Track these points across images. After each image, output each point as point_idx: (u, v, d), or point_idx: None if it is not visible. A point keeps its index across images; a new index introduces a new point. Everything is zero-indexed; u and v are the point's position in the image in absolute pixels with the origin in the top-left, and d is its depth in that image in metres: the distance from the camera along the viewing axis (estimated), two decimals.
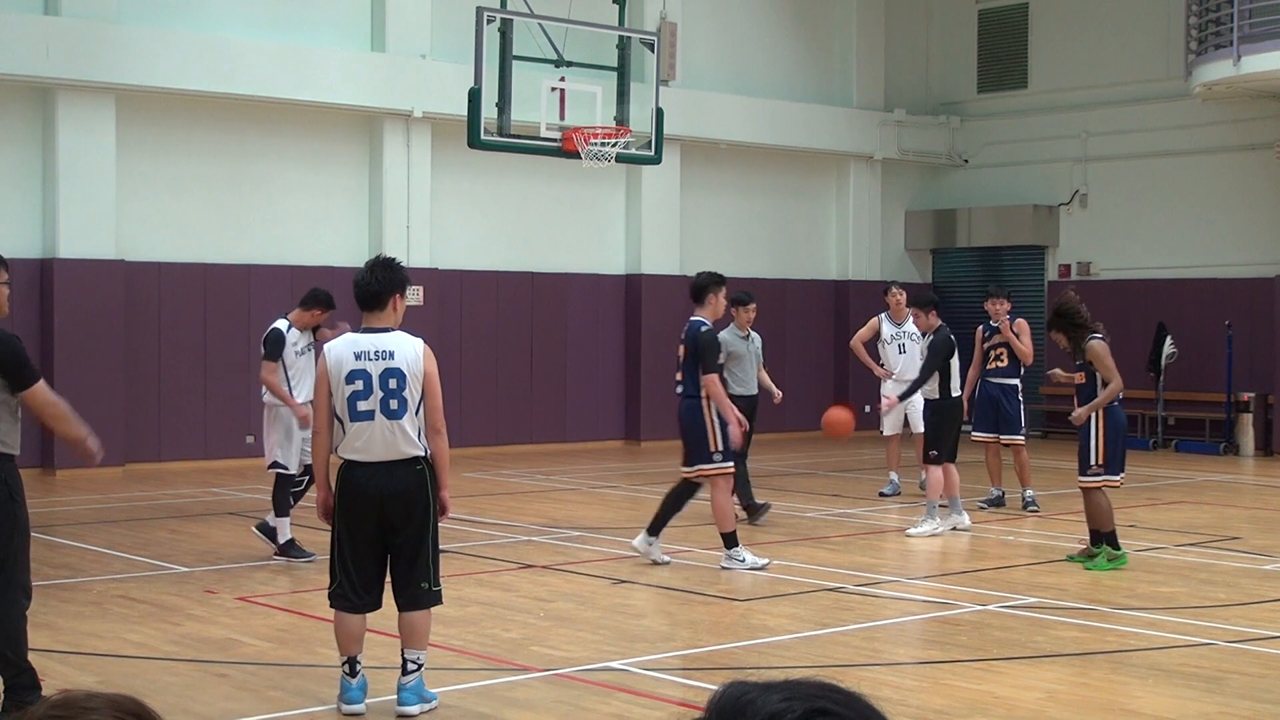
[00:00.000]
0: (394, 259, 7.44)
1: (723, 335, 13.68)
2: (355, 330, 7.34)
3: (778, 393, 14.32)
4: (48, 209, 17.51)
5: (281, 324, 11.58)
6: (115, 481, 16.86)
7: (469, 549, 11.75)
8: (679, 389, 11.31)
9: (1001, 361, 14.66)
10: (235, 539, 12.63)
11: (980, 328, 14.98)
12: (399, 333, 7.24)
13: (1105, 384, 11.10)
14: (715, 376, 11.13)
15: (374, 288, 7.21)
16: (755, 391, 13.93)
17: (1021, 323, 14.79)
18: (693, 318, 11.27)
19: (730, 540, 11.11)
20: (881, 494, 15.77)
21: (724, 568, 11.09)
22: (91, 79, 17.28)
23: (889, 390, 15.09)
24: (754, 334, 14.00)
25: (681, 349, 11.33)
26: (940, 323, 13.44)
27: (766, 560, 11.19)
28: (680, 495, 11.38)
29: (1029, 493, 14.58)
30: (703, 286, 11.32)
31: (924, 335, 13.91)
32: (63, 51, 17.07)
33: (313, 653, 8.28)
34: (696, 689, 7.51)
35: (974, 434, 14.75)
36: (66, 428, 7.36)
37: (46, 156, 17.51)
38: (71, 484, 16.41)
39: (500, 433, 20.84)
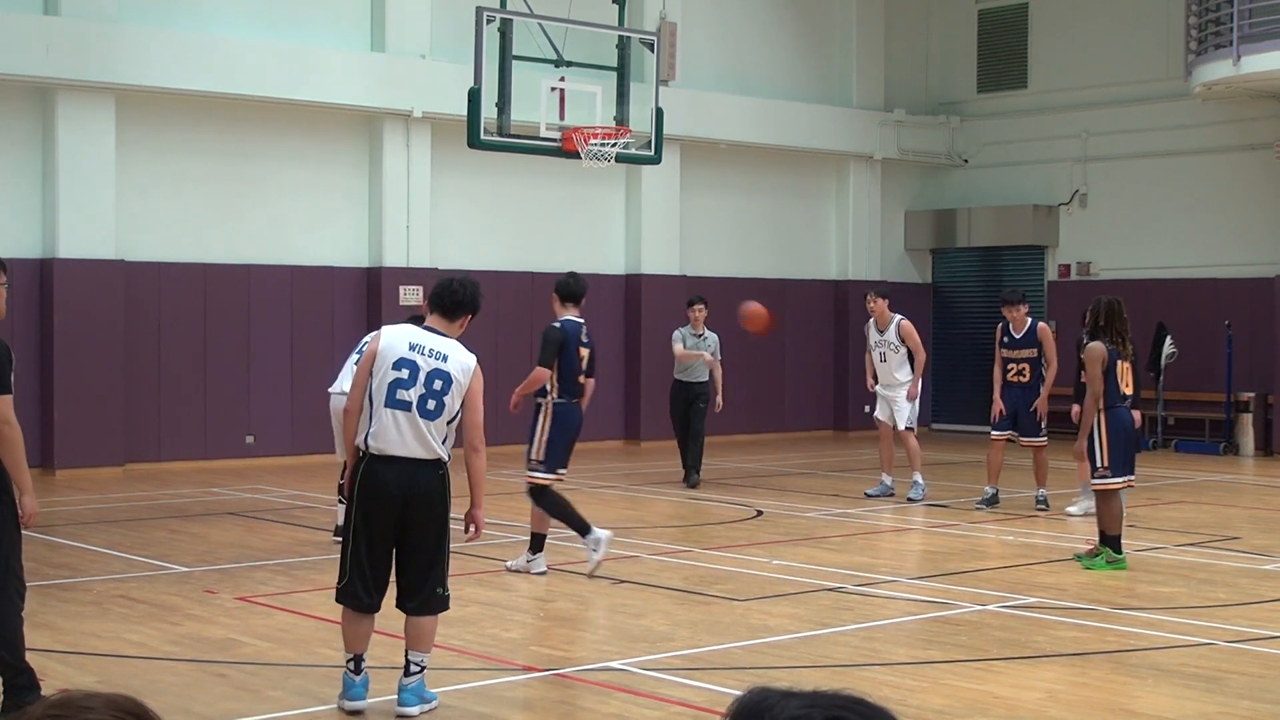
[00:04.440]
0: (479, 285, 7.48)
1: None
2: (418, 325, 7.37)
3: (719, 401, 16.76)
4: (48, 209, 17.50)
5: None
6: (115, 481, 16.86)
7: (469, 549, 11.74)
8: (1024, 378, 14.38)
9: (1024, 377, 14.57)
10: (235, 539, 12.63)
11: (1000, 329, 14.86)
12: (457, 343, 7.28)
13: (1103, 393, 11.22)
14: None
15: (457, 297, 7.31)
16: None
17: (1044, 328, 14.74)
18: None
19: None
20: (868, 495, 15.74)
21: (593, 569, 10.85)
22: (91, 79, 17.28)
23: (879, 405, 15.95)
24: (709, 334, 16.70)
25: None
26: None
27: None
28: None
29: (1041, 491, 14.62)
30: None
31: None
32: (62, 51, 17.07)
33: (313, 653, 8.28)
34: (696, 689, 7.51)
35: (993, 433, 14.79)
36: (12, 461, 6.79)
37: (46, 156, 17.50)
38: (71, 484, 16.41)
39: (500, 433, 20.80)
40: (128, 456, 17.77)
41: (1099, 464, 11.20)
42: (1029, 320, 14.70)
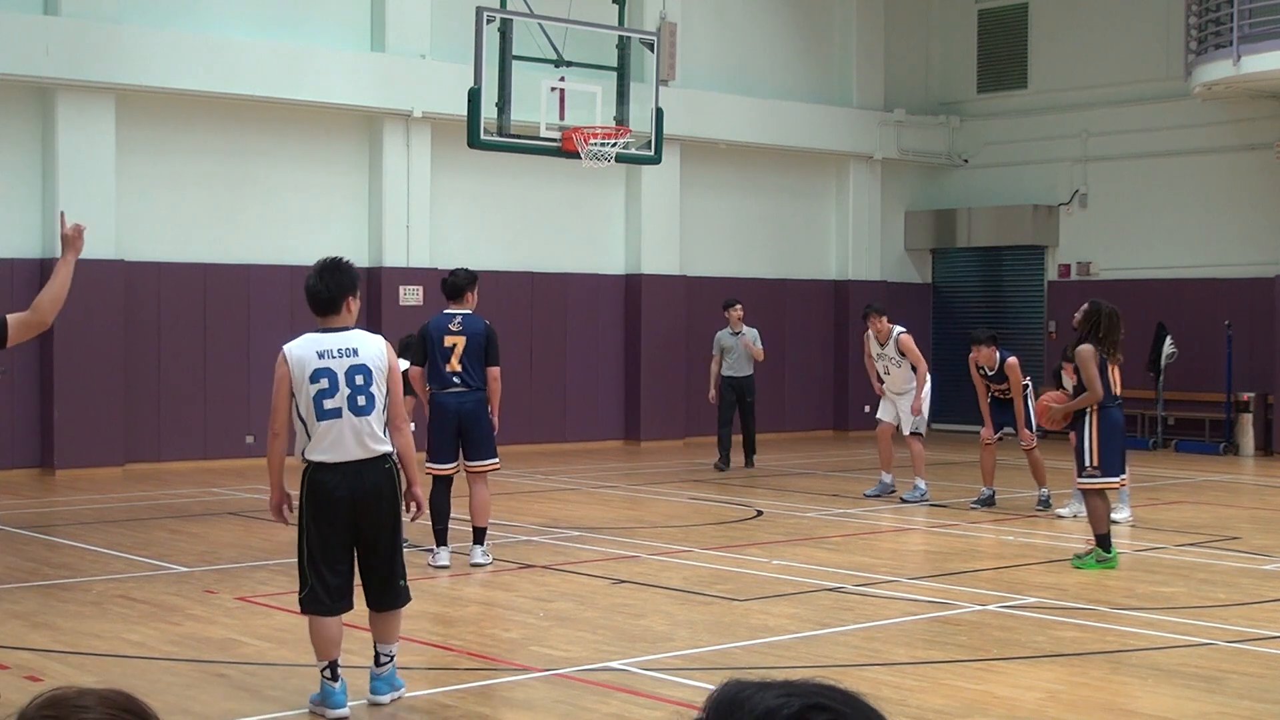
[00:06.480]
0: (342, 259, 7.28)
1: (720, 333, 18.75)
2: (316, 331, 7.22)
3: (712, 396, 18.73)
4: (48, 209, 17.49)
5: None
6: (115, 481, 16.85)
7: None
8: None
9: (1007, 395, 14.63)
10: (235, 539, 12.63)
11: (973, 361, 14.78)
12: (358, 330, 7.22)
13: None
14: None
15: (325, 294, 7.15)
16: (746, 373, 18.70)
17: (1012, 363, 14.64)
18: None
19: None
20: (867, 495, 15.73)
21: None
22: (91, 79, 17.28)
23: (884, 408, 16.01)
24: (746, 329, 18.59)
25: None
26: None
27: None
28: None
29: (1044, 491, 14.62)
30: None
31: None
32: (63, 51, 17.07)
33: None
34: (696, 689, 7.51)
35: (983, 432, 14.82)
36: (67, 276, 7.16)
37: (46, 156, 17.50)
38: (71, 484, 16.39)
39: (500, 433, 20.81)
40: (128, 456, 17.76)
41: (1088, 463, 11.22)
42: (998, 356, 14.60)
